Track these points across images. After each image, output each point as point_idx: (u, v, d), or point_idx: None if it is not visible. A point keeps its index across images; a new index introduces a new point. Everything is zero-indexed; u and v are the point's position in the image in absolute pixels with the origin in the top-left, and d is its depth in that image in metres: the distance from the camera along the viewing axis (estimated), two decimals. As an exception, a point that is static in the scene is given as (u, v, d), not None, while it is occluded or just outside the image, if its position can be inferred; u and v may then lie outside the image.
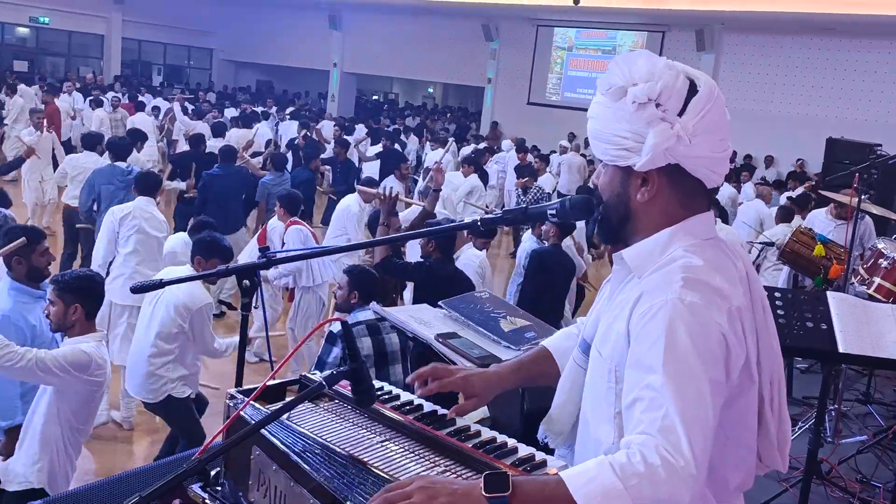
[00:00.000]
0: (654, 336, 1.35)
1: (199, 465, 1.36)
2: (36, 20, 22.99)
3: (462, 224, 1.73)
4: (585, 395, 1.60)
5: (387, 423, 1.64)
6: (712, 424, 1.30)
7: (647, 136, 1.43)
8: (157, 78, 26.35)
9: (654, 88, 1.43)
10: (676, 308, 1.35)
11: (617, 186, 1.52)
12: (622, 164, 1.48)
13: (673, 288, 1.38)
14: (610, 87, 1.48)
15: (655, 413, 1.29)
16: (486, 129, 20.92)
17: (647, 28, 19.02)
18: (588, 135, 1.54)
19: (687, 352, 1.32)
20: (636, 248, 1.51)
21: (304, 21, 24.13)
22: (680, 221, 1.49)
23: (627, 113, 1.45)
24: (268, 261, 1.82)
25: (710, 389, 1.31)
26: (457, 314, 2.32)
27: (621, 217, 1.53)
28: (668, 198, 1.49)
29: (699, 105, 1.44)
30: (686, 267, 1.41)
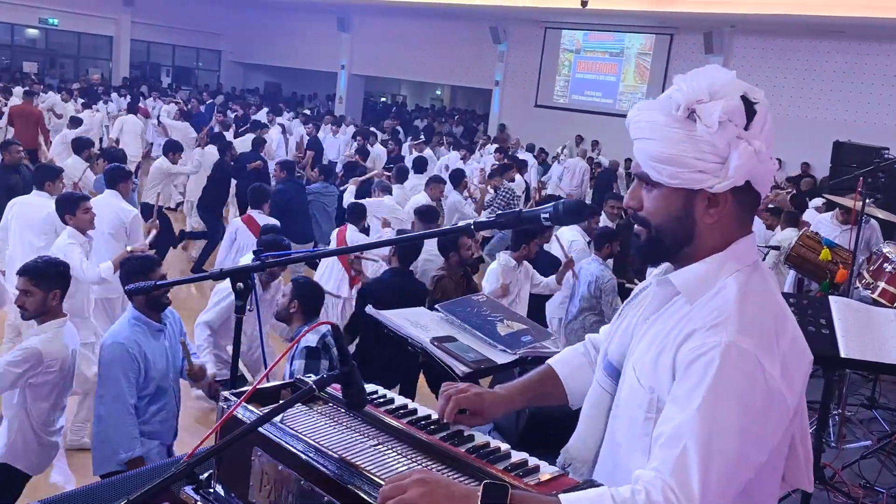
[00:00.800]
0: (699, 376, 1.31)
1: (188, 468, 1.36)
2: (45, 22, 23.12)
3: (455, 228, 1.73)
4: (616, 422, 1.56)
5: (380, 426, 1.63)
6: (731, 475, 1.27)
7: (727, 156, 1.38)
8: (166, 79, 26.44)
9: (729, 105, 1.38)
10: (729, 354, 1.31)
11: (677, 209, 1.45)
12: (694, 186, 1.41)
13: (728, 330, 1.33)
14: (678, 107, 1.41)
15: (673, 451, 1.27)
16: (494, 132, 20.91)
17: (655, 30, 18.96)
18: (642, 157, 1.46)
19: (729, 399, 1.29)
20: (688, 274, 1.46)
21: (312, 23, 24.19)
22: (733, 242, 1.45)
23: (706, 134, 1.38)
24: (262, 263, 1.82)
25: (742, 440, 1.28)
26: (453, 318, 2.32)
27: (680, 240, 1.47)
28: (731, 217, 1.44)
29: (761, 117, 1.42)
30: (740, 303, 1.37)
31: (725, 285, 1.40)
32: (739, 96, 1.40)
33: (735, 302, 1.37)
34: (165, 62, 27.77)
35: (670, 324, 1.44)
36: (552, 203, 1.65)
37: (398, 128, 19.60)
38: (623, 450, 1.51)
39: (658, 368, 1.41)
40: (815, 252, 5.51)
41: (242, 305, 1.87)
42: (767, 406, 1.31)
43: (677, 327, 1.41)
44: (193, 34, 26.18)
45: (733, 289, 1.39)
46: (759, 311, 1.37)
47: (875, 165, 4.67)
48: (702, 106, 1.38)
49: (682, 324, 1.41)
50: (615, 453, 1.54)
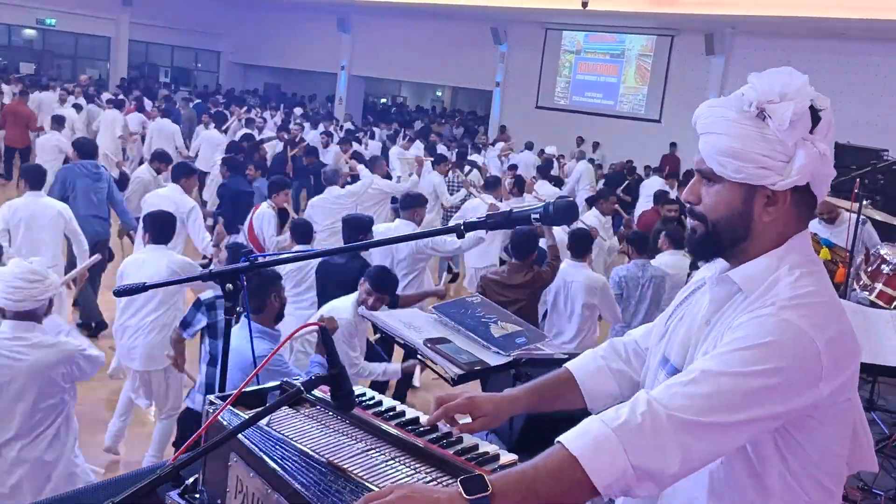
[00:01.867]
0: (744, 333, 1.36)
1: (173, 471, 1.34)
2: (43, 22, 23.08)
3: (445, 228, 1.71)
4: None
5: (368, 429, 1.62)
6: (729, 420, 1.30)
7: (793, 155, 1.43)
8: (165, 80, 26.41)
9: (799, 107, 1.44)
10: (772, 319, 1.36)
11: (738, 205, 1.48)
12: (756, 182, 1.45)
13: (778, 305, 1.38)
14: (750, 104, 1.46)
15: (681, 387, 1.32)
16: (495, 133, 20.91)
17: (656, 32, 18.96)
18: (708, 151, 1.49)
19: (757, 362, 1.32)
20: (749, 270, 1.49)
21: (312, 24, 24.18)
22: (788, 239, 1.49)
23: (777, 132, 1.43)
24: (251, 264, 1.80)
25: (765, 396, 1.31)
26: (447, 319, 2.30)
27: (738, 236, 1.50)
28: (789, 215, 1.48)
29: (826, 121, 1.47)
30: (792, 288, 1.41)
31: (780, 277, 1.44)
32: (807, 96, 1.46)
33: (787, 286, 1.42)
34: (164, 63, 27.73)
35: (730, 320, 1.47)
36: (543, 203, 1.64)
37: (398, 128, 19.59)
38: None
39: None
40: (815, 252, 5.49)
41: (232, 306, 1.85)
42: (809, 373, 1.33)
43: (736, 319, 1.44)
44: (192, 35, 26.14)
45: (787, 279, 1.43)
46: (809, 299, 1.40)
47: (872, 167, 4.65)
48: (773, 106, 1.44)
49: (739, 314, 1.45)
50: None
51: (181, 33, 25.72)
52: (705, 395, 1.30)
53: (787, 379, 1.32)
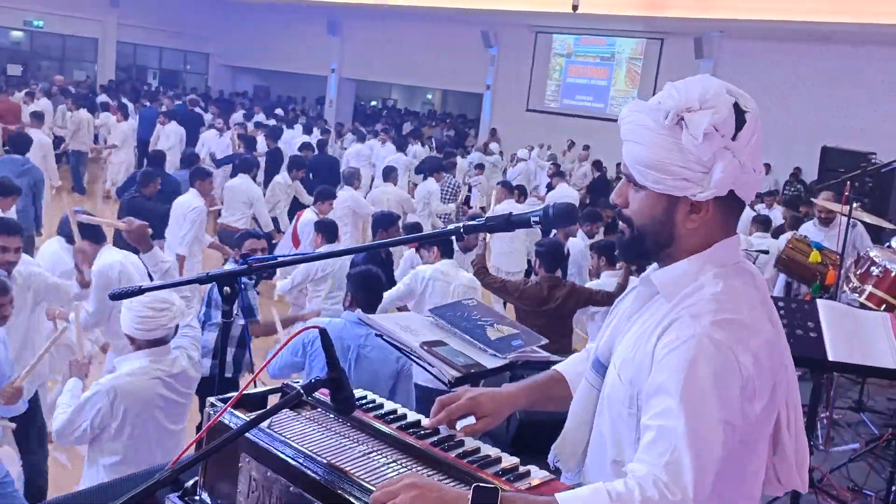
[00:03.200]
0: (675, 369, 1.33)
1: (173, 474, 1.34)
2: (30, 24, 22.93)
3: (444, 231, 1.72)
4: (601, 418, 1.57)
5: (370, 432, 1.63)
6: (717, 465, 1.28)
7: (711, 167, 1.39)
8: (153, 82, 26.28)
9: (717, 116, 1.39)
10: (703, 345, 1.33)
11: (659, 213, 1.47)
12: (678, 193, 1.43)
13: (702, 323, 1.36)
14: (666, 113, 1.41)
15: (663, 446, 1.28)
16: (485, 136, 20.94)
17: (645, 35, 19.03)
18: (629, 159, 1.47)
19: (706, 391, 1.30)
20: (668, 273, 1.49)
21: (302, 26, 24.12)
22: (714, 243, 1.47)
23: (691, 144, 1.39)
24: (249, 267, 1.80)
25: (724, 430, 1.29)
26: (443, 322, 2.30)
27: (661, 242, 1.49)
28: (713, 223, 1.46)
29: (750, 128, 1.42)
30: (716, 300, 1.39)
31: (703, 284, 1.43)
32: (731, 105, 1.41)
33: (710, 298, 1.39)
34: (152, 65, 27.59)
35: (650, 321, 1.46)
36: (542, 206, 1.65)
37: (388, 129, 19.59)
38: (609, 445, 1.53)
39: (637, 364, 1.44)
40: (805, 255, 5.55)
41: (229, 310, 1.85)
42: (745, 395, 1.33)
43: (656, 324, 1.43)
44: (181, 37, 26.01)
45: (710, 287, 1.42)
46: (734, 308, 1.38)
47: (862, 170, 4.69)
48: (690, 115, 1.39)
49: (660, 320, 1.43)
50: (602, 449, 1.56)
51: (170, 35, 25.60)
52: (686, 479, 1.26)
53: (734, 405, 1.31)
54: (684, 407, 1.29)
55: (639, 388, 1.42)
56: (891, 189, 8.28)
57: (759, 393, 1.35)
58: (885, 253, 4.58)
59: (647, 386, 1.37)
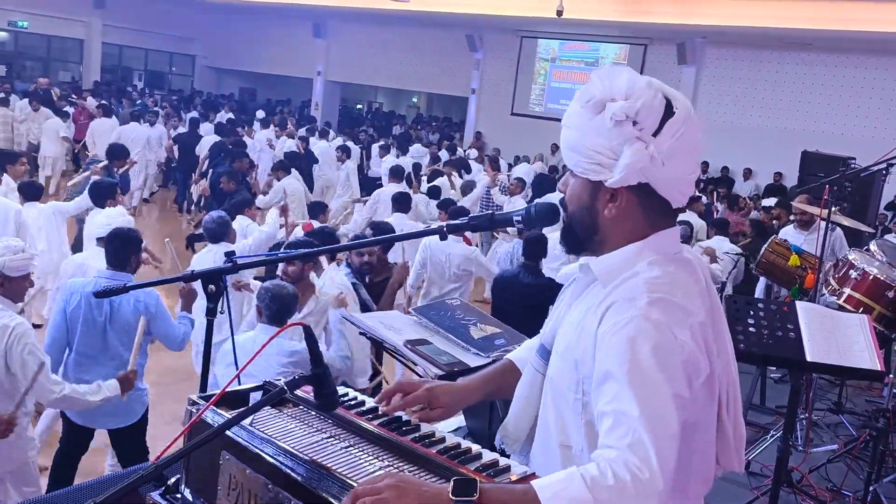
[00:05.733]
0: (619, 352, 1.36)
1: (156, 470, 1.35)
2: (15, 24, 22.74)
3: (427, 230, 1.74)
4: (546, 402, 1.61)
5: (351, 428, 1.64)
6: (677, 439, 1.31)
7: (621, 153, 1.43)
8: (138, 83, 26.12)
9: (633, 107, 1.43)
10: (641, 325, 1.37)
11: (585, 199, 1.52)
12: (593, 177, 1.48)
13: (637, 305, 1.39)
14: (589, 99, 1.48)
15: (622, 429, 1.31)
16: (470, 139, 20.97)
17: (629, 41, 19.15)
18: (561, 144, 1.54)
19: (651, 368, 1.34)
20: (604, 261, 1.53)
21: (287, 29, 24.07)
22: (646, 237, 1.50)
23: (605, 129, 1.44)
24: (234, 265, 1.81)
25: (675, 404, 1.33)
26: (427, 321, 2.32)
27: (587, 228, 1.54)
28: (635, 214, 1.50)
29: (675, 127, 1.45)
30: (650, 283, 1.43)
31: (638, 271, 1.47)
32: (658, 101, 1.45)
33: (644, 282, 1.43)
34: (138, 66, 27.41)
35: (590, 307, 1.50)
36: (525, 206, 1.67)
37: (373, 134, 19.62)
38: (554, 429, 1.57)
39: (580, 349, 1.47)
40: (784, 258, 5.60)
41: (214, 308, 1.86)
42: (687, 369, 1.37)
43: (595, 309, 1.47)
44: (167, 38, 25.88)
45: (644, 273, 1.45)
46: (668, 291, 1.42)
47: (841, 174, 4.75)
48: (611, 104, 1.44)
49: (599, 306, 1.46)
50: (547, 432, 1.59)
51: (155, 37, 25.45)
52: (645, 452, 1.29)
53: (680, 379, 1.36)
54: (633, 388, 1.32)
55: (584, 373, 1.46)
56: (869, 193, 8.38)
57: (700, 368, 1.40)
58: (864, 256, 4.64)
59: (596, 373, 1.40)
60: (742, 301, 3.50)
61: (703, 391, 1.43)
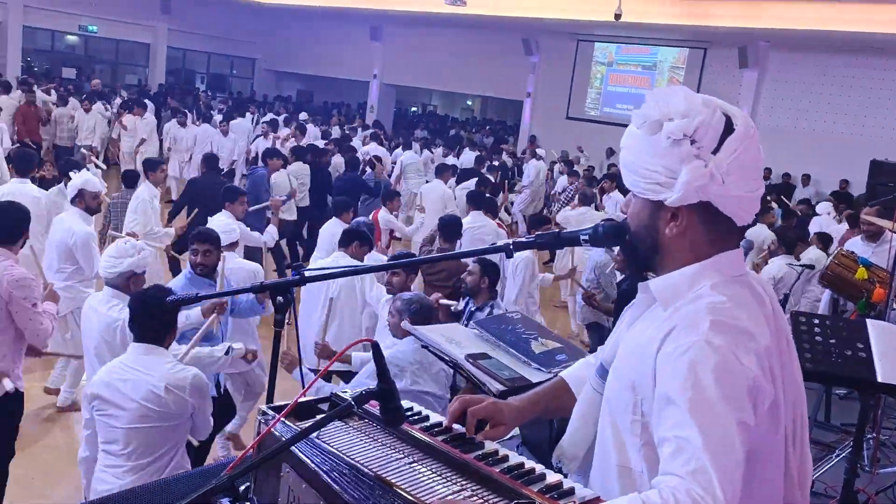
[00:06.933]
0: (680, 377, 1.34)
1: (229, 481, 1.38)
2: (85, 29, 23.50)
3: (494, 248, 1.74)
4: (605, 422, 1.59)
5: (415, 444, 1.64)
6: (742, 467, 1.29)
7: (679, 172, 1.43)
8: (201, 86, 26.74)
9: (690, 125, 1.42)
10: (703, 350, 1.35)
11: (645, 218, 1.52)
12: (653, 197, 1.48)
13: (700, 329, 1.37)
14: (645, 120, 1.48)
15: (685, 456, 1.29)
16: (524, 143, 20.91)
17: (688, 44, 18.86)
18: (620, 164, 1.55)
19: (714, 394, 1.31)
20: (663, 281, 1.52)
21: (345, 32, 24.35)
22: (708, 257, 1.48)
23: (661, 148, 1.44)
24: (302, 277, 1.84)
25: (739, 431, 1.30)
26: (488, 335, 2.32)
27: (648, 248, 1.54)
28: (696, 234, 1.48)
29: (734, 144, 1.43)
30: (713, 307, 1.41)
31: (701, 294, 1.45)
32: (716, 118, 1.44)
33: (707, 305, 1.41)
34: (200, 69, 28.10)
35: (650, 328, 1.48)
36: (593, 225, 1.66)
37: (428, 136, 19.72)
38: (612, 450, 1.55)
39: (638, 372, 1.45)
40: (851, 271, 5.43)
41: (282, 319, 1.89)
42: (752, 395, 1.34)
43: (655, 331, 1.45)
44: (228, 42, 26.44)
45: (708, 296, 1.43)
46: (732, 315, 1.40)
47: (915, 186, 4.59)
48: (668, 123, 1.44)
49: (659, 328, 1.45)
50: (606, 453, 1.57)
51: (217, 41, 26.03)
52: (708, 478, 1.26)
53: (745, 405, 1.33)
54: (695, 415, 1.30)
55: (641, 395, 1.44)
56: (942, 205, 8.07)
57: (765, 394, 1.37)
58: (937, 271, 4.48)
59: (656, 398, 1.38)
60: (807, 317, 3.42)
61: (768, 419, 1.39)
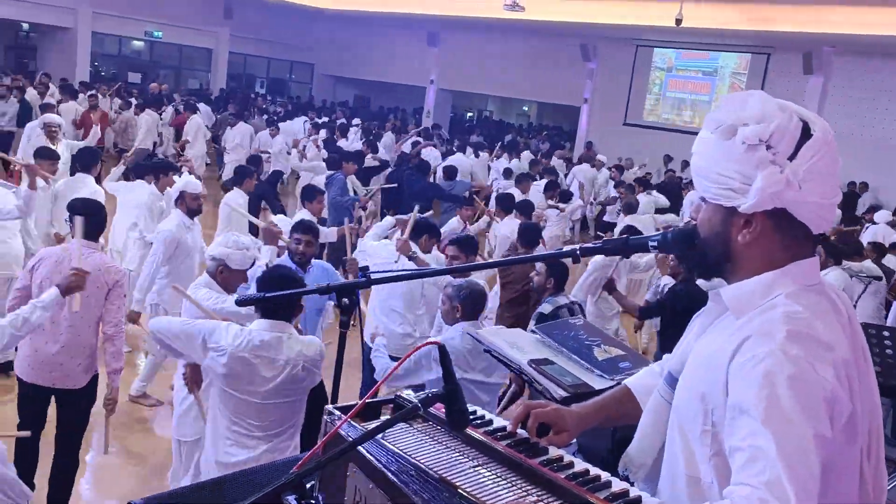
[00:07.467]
0: (755, 388, 1.32)
1: (297, 478, 1.40)
2: (150, 34, 24.16)
3: (561, 252, 1.73)
4: (673, 431, 1.57)
5: (479, 447, 1.64)
6: (818, 480, 1.26)
7: (754, 178, 1.40)
8: (260, 90, 27.25)
9: (766, 130, 1.40)
10: (779, 360, 1.32)
11: (717, 225, 1.50)
12: (725, 203, 1.45)
13: (776, 338, 1.34)
14: (719, 125, 1.45)
15: (759, 466, 1.26)
16: (581, 149, 20.75)
17: (751, 49, 18.50)
18: (691, 170, 1.53)
19: (789, 405, 1.29)
20: (736, 289, 1.49)
21: (402, 38, 24.56)
22: (783, 265, 1.45)
23: (736, 153, 1.42)
24: (368, 280, 1.85)
25: (814, 443, 1.27)
26: (550, 340, 2.31)
27: (719, 255, 1.51)
28: (771, 241, 1.46)
29: (812, 150, 1.41)
30: (789, 317, 1.37)
31: (776, 303, 1.41)
32: (792, 124, 1.41)
33: (783, 315, 1.38)
34: (260, 74, 28.64)
35: (721, 337, 1.46)
36: (662, 231, 1.64)
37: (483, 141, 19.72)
38: (681, 459, 1.52)
39: (709, 381, 1.43)
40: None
41: (347, 320, 1.91)
42: (829, 407, 1.31)
43: (727, 341, 1.42)
44: (288, 47, 26.88)
45: (783, 306, 1.40)
46: (808, 325, 1.36)
47: None
48: (742, 128, 1.42)
49: (732, 337, 1.42)
50: (675, 462, 1.55)
51: (277, 46, 26.49)
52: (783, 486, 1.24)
53: (822, 417, 1.30)
54: (770, 426, 1.27)
55: (712, 405, 1.42)
56: None
57: (842, 406, 1.33)
58: None
59: (729, 408, 1.36)
60: (877, 329, 3.32)
61: (844, 431, 1.36)
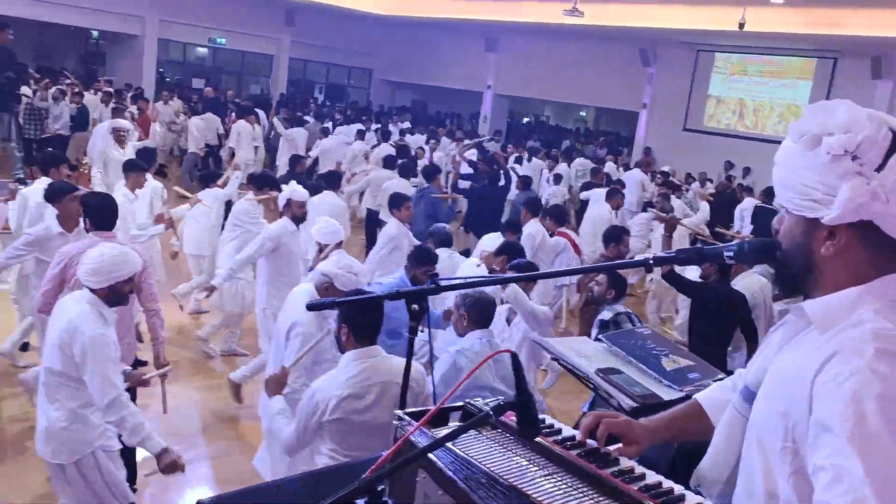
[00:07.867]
0: (841, 406, 1.28)
1: (369, 484, 1.41)
2: (214, 41, 24.72)
3: (633, 262, 1.72)
4: (750, 447, 1.54)
5: (549, 456, 1.64)
6: None
7: (838, 189, 1.36)
8: (319, 96, 27.64)
9: (853, 140, 1.36)
10: (867, 378, 1.28)
11: (799, 236, 1.46)
12: (808, 214, 1.42)
13: (864, 356, 1.30)
14: (802, 134, 1.42)
15: (844, 485, 1.23)
16: (639, 155, 20.51)
17: (816, 54, 18.03)
18: (773, 180, 1.50)
19: (877, 424, 1.24)
20: (820, 303, 1.44)
21: (460, 43, 24.64)
22: (869, 280, 1.41)
23: (820, 164, 1.39)
24: (437, 287, 1.86)
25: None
26: (617, 349, 2.29)
27: (801, 268, 1.47)
28: (856, 255, 1.41)
29: None
30: (877, 334, 1.33)
31: (864, 319, 1.37)
32: (882, 134, 1.37)
33: (871, 331, 1.33)
34: (319, 80, 29.05)
35: (804, 353, 1.41)
36: (738, 241, 1.62)
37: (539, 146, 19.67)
38: (759, 476, 1.49)
39: (791, 398, 1.39)
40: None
41: (415, 327, 1.92)
42: None
43: (811, 357, 1.38)
44: (346, 53, 27.19)
45: (871, 322, 1.35)
46: None
47: None
48: (827, 138, 1.38)
49: (816, 353, 1.37)
50: (752, 479, 1.52)
51: (336, 52, 26.82)
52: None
53: None
54: (856, 445, 1.23)
55: (794, 421, 1.38)
56: None
57: None
58: None
59: (812, 425, 1.32)
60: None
61: None
